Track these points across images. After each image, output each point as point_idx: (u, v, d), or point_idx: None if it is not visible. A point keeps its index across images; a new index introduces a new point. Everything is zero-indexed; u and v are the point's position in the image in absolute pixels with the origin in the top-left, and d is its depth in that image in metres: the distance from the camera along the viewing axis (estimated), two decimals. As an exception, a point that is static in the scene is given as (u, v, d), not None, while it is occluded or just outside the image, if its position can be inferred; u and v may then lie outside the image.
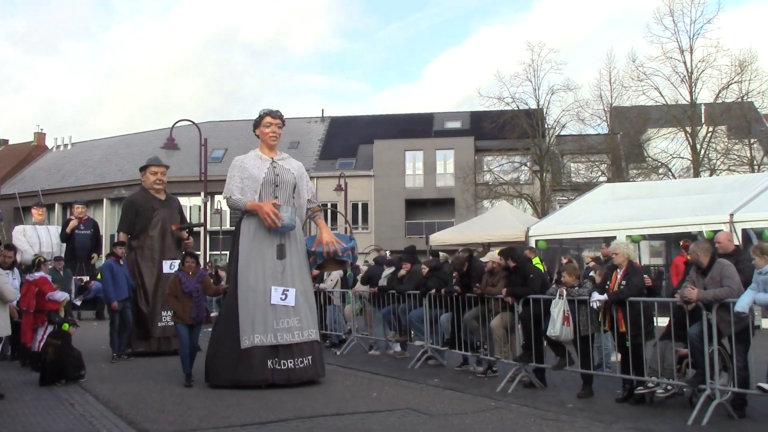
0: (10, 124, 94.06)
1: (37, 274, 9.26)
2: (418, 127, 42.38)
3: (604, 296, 7.36)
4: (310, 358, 8.07)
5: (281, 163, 8.67)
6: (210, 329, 8.85)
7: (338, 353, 11.44)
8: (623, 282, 7.38)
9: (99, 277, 21.18)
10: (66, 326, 8.59)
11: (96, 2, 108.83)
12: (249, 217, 8.34)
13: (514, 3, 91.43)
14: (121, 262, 10.58)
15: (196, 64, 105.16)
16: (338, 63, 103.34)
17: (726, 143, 30.00)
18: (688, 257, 7.16)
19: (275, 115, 8.65)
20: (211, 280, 9.29)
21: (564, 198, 33.10)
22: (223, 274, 18.69)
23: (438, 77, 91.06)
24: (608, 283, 7.56)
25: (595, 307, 7.38)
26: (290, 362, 7.92)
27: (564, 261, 12.50)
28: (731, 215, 14.15)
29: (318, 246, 8.51)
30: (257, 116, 8.70)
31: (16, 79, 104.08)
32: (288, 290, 8.08)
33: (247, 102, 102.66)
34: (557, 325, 7.66)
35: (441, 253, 16.88)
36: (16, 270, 7.94)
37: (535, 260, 12.02)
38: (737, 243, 6.97)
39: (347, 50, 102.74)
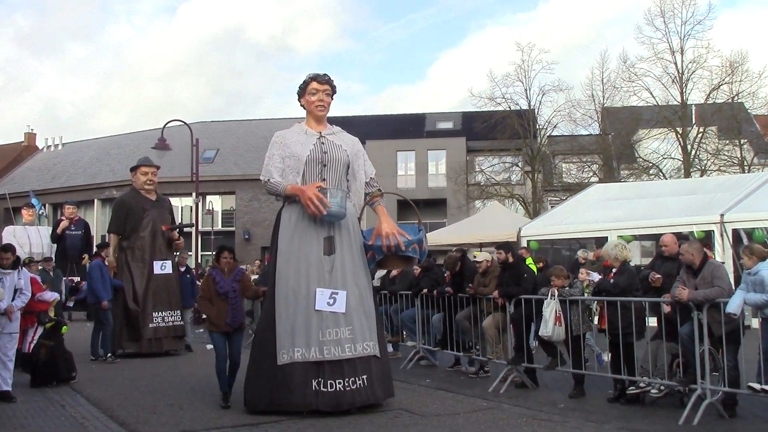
0: (14, 125, 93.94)
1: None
2: (410, 128, 42.39)
3: (598, 276, 7.60)
4: (365, 377, 6.49)
5: (331, 138, 7.14)
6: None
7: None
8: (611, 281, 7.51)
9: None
10: (65, 329, 8.57)
11: (101, 3, 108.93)
12: (290, 204, 6.90)
13: (518, 3, 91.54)
14: (106, 262, 10.57)
15: (200, 64, 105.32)
16: (342, 64, 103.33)
17: (716, 144, 30.16)
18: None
19: (323, 79, 7.08)
20: (251, 280, 7.76)
21: (556, 198, 33.22)
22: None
23: (442, 78, 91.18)
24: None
25: (585, 282, 7.64)
26: (339, 383, 6.38)
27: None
28: (722, 215, 14.23)
29: (377, 239, 6.90)
30: (302, 82, 7.15)
31: (19, 80, 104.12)
32: (337, 293, 6.55)
33: (248, 103, 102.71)
34: (549, 325, 7.68)
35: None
36: (22, 270, 7.79)
37: (528, 261, 12.06)
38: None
39: (351, 51, 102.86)
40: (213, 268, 7.25)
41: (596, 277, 7.72)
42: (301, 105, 7.27)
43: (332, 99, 7.23)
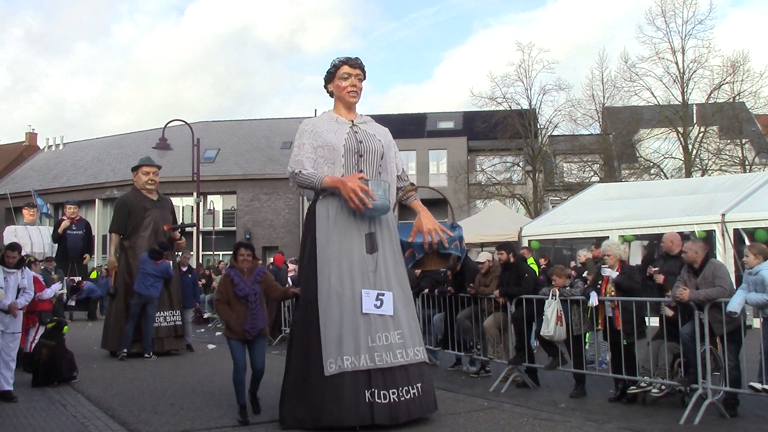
0: (22, 125, 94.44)
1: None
2: (410, 128, 42.37)
3: (615, 275, 7.45)
4: (418, 386, 5.87)
5: (363, 127, 6.54)
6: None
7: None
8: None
9: (93, 276, 21.27)
10: (66, 328, 8.58)
11: (109, 3, 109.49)
12: (326, 197, 6.19)
13: (524, 3, 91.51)
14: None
15: (207, 63, 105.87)
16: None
17: (718, 143, 30.19)
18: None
19: (355, 63, 6.43)
20: (273, 279, 6.89)
21: (557, 198, 33.29)
22: (216, 277, 18.68)
23: (449, 77, 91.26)
24: (599, 282, 7.62)
25: (592, 304, 7.43)
26: (393, 393, 5.73)
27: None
28: (723, 215, 14.23)
29: (417, 236, 6.36)
30: (330, 66, 6.49)
31: (27, 80, 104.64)
32: (383, 294, 5.93)
33: (255, 102, 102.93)
34: (551, 325, 7.68)
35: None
36: (25, 270, 7.79)
37: (530, 260, 12.06)
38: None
39: (360, 51, 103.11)
40: (230, 267, 6.49)
41: (614, 273, 7.59)
42: (328, 91, 6.63)
43: (362, 84, 6.58)
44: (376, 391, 5.70)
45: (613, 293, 7.45)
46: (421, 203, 6.69)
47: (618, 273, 7.48)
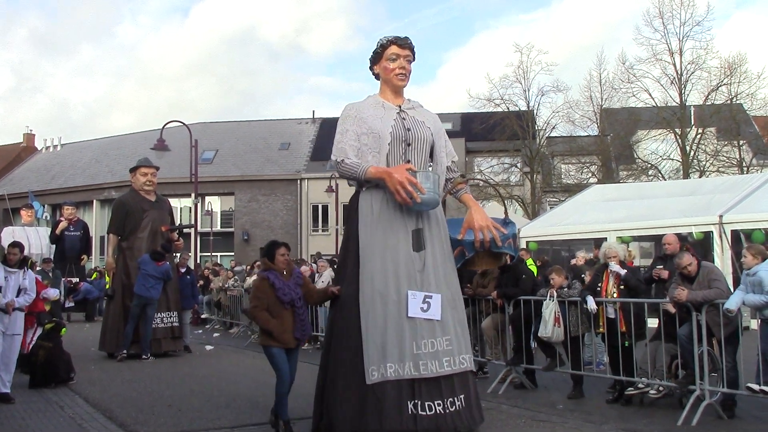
0: (25, 126, 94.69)
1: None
2: (409, 129, 42.27)
3: (624, 272, 7.44)
4: (462, 397, 5.40)
5: (411, 113, 5.89)
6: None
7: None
8: (622, 285, 7.46)
9: (94, 276, 21.25)
10: (64, 330, 8.57)
11: (114, 4, 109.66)
12: (369, 189, 5.68)
13: (528, 4, 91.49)
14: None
15: (211, 64, 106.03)
16: (353, 64, 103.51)
17: (715, 145, 30.22)
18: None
19: (404, 43, 5.79)
20: (311, 281, 6.46)
21: (554, 199, 33.26)
22: (214, 278, 18.67)
23: (452, 78, 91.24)
24: (599, 284, 7.62)
25: (592, 310, 7.43)
26: (438, 404, 5.25)
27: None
28: (720, 216, 14.24)
29: (468, 233, 5.84)
30: (377, 46, 5.86)
31: (31, 81, 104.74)
32: (431, 297, 5.42)
33: (259, 103, 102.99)
34: (549, 326, 7.69)
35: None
36: (27, 271, 7.75)
37: (529, 262, 12.07)
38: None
39: (364, 51, 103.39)
40: (266, 269, 5.82)
41: (622, 271, 7.58)
42: (374, 74, 6.01)
43: (411, 66, 5.95)
44: (419, 402, 5.23)
45: (615, 294, 7.46)
46: (472, 197, 6.17)
47: (625, 271, 7.51)
